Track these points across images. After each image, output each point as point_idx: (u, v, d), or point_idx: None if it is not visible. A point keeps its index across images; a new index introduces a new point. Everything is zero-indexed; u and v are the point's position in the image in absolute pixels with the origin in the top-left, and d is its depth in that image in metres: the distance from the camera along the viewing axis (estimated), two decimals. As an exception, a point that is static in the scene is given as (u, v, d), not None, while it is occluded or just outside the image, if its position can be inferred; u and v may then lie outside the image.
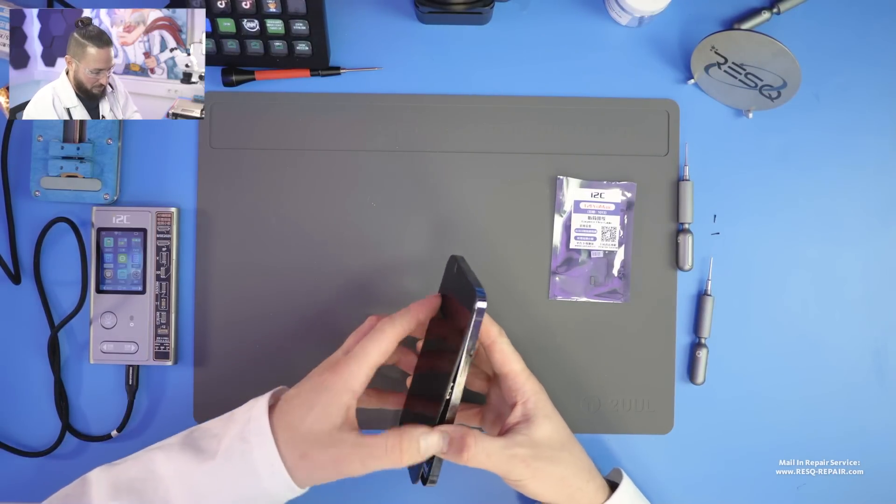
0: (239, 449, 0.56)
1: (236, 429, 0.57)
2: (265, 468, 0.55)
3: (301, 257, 0.70)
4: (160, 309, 0.69)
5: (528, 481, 0.57)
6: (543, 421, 0.58)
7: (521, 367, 0.59)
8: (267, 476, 0.55)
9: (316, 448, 0.55)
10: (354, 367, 0.56)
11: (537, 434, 0.58)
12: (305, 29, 0.67)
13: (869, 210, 0.70)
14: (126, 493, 0.56)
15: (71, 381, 0.70)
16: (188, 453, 0.57)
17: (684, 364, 0.70)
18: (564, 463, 0.59)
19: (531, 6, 0.71)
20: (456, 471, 0.69)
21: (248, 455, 0.55)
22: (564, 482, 0.59)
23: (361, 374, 0.56)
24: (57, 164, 0.68)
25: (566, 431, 0.60)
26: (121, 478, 0.57)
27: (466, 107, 0.70)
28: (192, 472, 0.56)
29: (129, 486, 0.57)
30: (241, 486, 0.56)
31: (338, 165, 0.70)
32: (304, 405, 0.56)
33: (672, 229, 0.70)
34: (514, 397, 0.59)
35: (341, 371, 0.56)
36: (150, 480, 0.57)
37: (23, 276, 0.70)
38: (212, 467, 0.56)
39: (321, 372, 0.57)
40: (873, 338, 0.70)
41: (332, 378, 0.56)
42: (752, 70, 0.67)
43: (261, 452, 0.55)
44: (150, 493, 0.56)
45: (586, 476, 0.60)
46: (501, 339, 0.59)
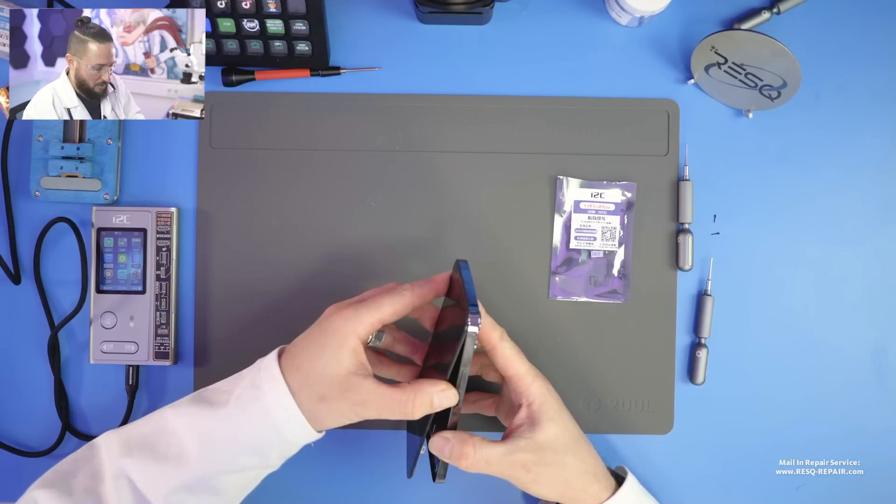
0: (251, 396, 0.56)
1: (246, 380, 0.57)
2: (279, 412, 0.55)
3: (301, 257, 0.70)
4: (160, 309, 0.69)
5: (530, 485, 0.58)
6: (548, 424, 0.58)
7: (526, 370, 0.59)
8: (282, 420, 0.55)
9: (335, 391, 0.55)
10: (364, 314, 0.56)
11: (541, 437, 0.58)
12: (305, 29, 0.67)
13: (869, 210, 0.70)
14: (138, 449, 0.56)
15: (71, 381, 0.70)
16: (199, 406, 0.57)
17: (684, 364, 0.70)
18: (568, 466, 0.59)
19: (531, 6, 0.71)
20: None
21: (260, 400, 0.55)
22: (568, 484, 0.59)
23: (368, 322, 0.56)
24: (57, 164, 0.68)
25: (573, 432, 0.60)
26: (132, 435, 0.57)
27: (466, 107, 0.70)
28: (205, 422, 0.56)
29: (141, 442, 0.57)
30: (256, 431, 0.55)
31: (338, 165, 0.70)
32: (314, 346, 0.56)
33: (672, 229, 0.70)
34: (520, 399, 0.59)
35: (349, 315, 0.56)
36: (162, 434, 0.57)
37: (23, 276, 0.70)
38: (225, 414, 0.56)
39: (329, 315, 0.57)
40: (873, 338, 0.70)
41: (338, 321, 0.56)
42: (752, 70, 0.67)
43: (273, 397, 0.55)
44: (162, 447, 0.56)
45: (590, 478, 0.60)
46: (503, 344, 0.59)
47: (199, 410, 0.57)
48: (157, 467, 0.55)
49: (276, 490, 0.68)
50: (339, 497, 0.70)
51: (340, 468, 0.70)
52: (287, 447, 0.57)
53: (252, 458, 0.56)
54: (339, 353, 0.55)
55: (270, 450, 0.56)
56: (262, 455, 0.56)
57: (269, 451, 0.56)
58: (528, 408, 0.59)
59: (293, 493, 0.69)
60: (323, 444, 0.69)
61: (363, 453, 0.70)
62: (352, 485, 0.70)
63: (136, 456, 0.56)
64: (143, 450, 0.56)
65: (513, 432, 0.58)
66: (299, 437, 0.56)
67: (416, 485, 0.69)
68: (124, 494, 0.55)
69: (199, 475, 0.56)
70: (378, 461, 0.70)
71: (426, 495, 0.70)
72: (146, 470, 0.55)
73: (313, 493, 0.70)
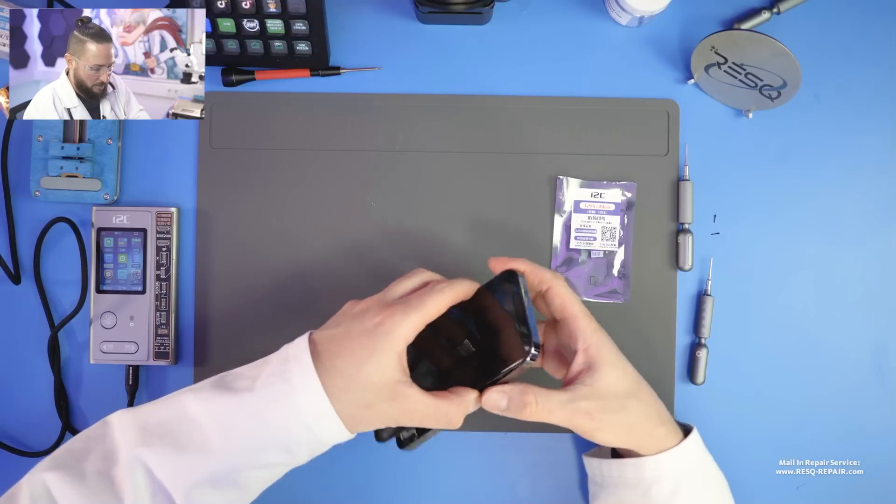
0: (281, 390, 0.52)
1: (272, 367, 0.54)
2: (312, 411, 0.52)
3: (301, 257, 0.70)
4: (160, 309, 0.69)
5: (594, 433, 0.56)
6: (608, 369, 0.56)
7: (581, 310, 0.57)
8: (315, 419, 0.52)
9: (382, 398, 0.52)
10: (413, 316, 0.53)
11: (602, 383, 0.56)
12: (305, 29, 0.67)
13: (869, 210, 0.70)
14: (158, 438, 0.52)
15: (71, 381, 0.70)
16: (222, 394, 0.53)
17: (684, 364, 0.70)
18: (631, 411, 0.57)
19: (531, 6, 0.71)
20: (454, 466, 0.69)
21: (292, 397, 0.52)
22: (632, 430, 0.57)
23: (417, 325, 0.53)
24: (57, 164, 0.68)
25: (633, 377, 0.58)
26: (149, 421, 0.53)
27: (466, 107, 0.70)
28: (230, 411, 0.52)
29: (161, 429, 0.53)
30: (285, 428, 0.52)
31: (338, 165, 0.70)
32: (362, 351, 0.52)
33: (672, 229, 0.70)
34: (576, 343, 0.57)
35: (400, 320, 0.53)
36: (183, 422, 0.53)
37: (23, 276, 0.70)
38: (252, 406, 0.52)
39: (375, 315, 0.54)
40: (873, 338, 0.70)
41: (389, 325, 0.52)
42: (752, 70, 0.67)
43: (306, 396, 0.52)
44: (184, 436, 0.52)
45: (655, 421, 0.58)
46: (557, 282, 0.57)
47: (223, 398, 0.53)
48: (178, 458, 0.52)
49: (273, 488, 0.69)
50: (339, 497, 0.70)
51: (339, 467, 0.70)
52: (318, 446, 0.54)
53: (280, 455, 0.53)
54: (389, 360, 0.52)
55: (300, 448, 0.53)
56: (290, 452, 0.53)
57: (299, 449, 0.53)
58: (584, 352, 0.57)
59: (292, 492, 0.69)
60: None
61: (361, 452, 0.70)
62: (355, 476, 0.70)
63: (155, 444, 0.52)
64: (164, 438, 0.52)
65: (572, 380, 0.57)
66: (332, 438, 0.54)
67: (417, 485, 0.70)
68: (140, 485, 0.52)
69: (223, 469, 0.52)
70: (377, 460, 0.70)
71: (427, 495, 0.70)
72: (166, 461, 0.52)
73: (313, 491, 0.69)
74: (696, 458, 0.61)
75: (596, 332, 0.57)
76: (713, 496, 0.61)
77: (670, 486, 0.59)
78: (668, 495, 0.59)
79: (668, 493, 0.59)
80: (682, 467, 0.59)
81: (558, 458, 0.69)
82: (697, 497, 0.60)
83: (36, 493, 0.52)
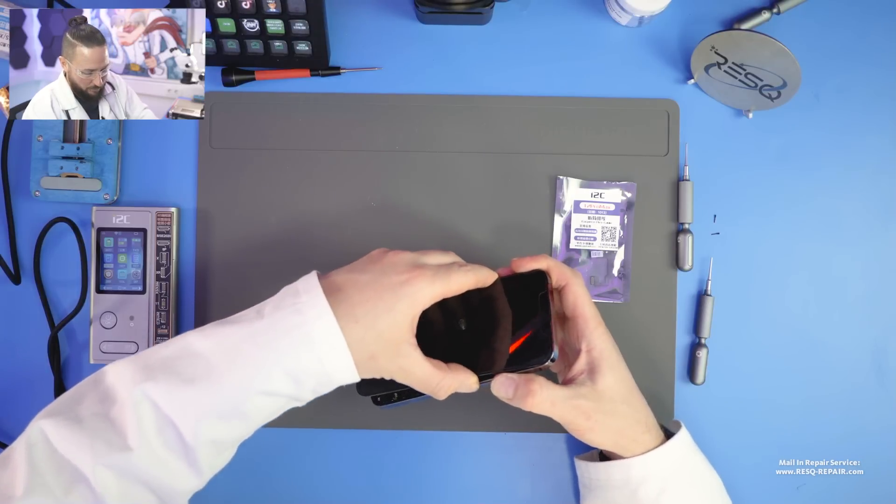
0: (293, 321, 0.52)
1: (280, 301, 0.54)
2: (324, 344, 0.52)
3: (301, 257, 0.70)
4: (160, 309, 0.69)
5: (586, 433, 0.58)
6: (608, 372, 0.58)
7: (592, 312, 0.59)
8: (326, 352, 0.52)
9: (388, 353, 0.53)
10: (438, 284, 0.54)
11: (601, 385, 0.58)
12: (305, 29, 0.67)
13: (869, 210, 0.70)
14: (162, 373, 0.52)
15: (71, 381, 0.70)
16: (227, 326, 0.53)
17: (684, 364, 0.70)
18: (623, 416, 0.59)
19: (531, 6, 0.71)
20: (455, 466, 0.69)
21: (304, 327, 0.52)
22: (621, 433, 0.59)
23: (436, 293, 0.54)
24: (57, 164, 0.68)
25: (628, 383, 0.60)
26: (150, 360, 0.53)
27: (466, 107, 0.70)
28: (236, 339, 0.52)
29: (164, 365, 0.52)
30: (294, 355, 0.52)
31: (338, 165, 0.70)
32: (382, 303, 0.53)
33: (672, 229, 0.70)
34: (580, 343, 0.59)
35: (424, 281, 0.53)
36: (188, 357, 0.52)
37: (23, 276, 0.70)
38: (260, 332, 0.52)
39: (402, 271, 0.54)
40: (873, 338, 0.70)
41: (414, 284, 0.53)
42: (752, 70, 0.67)
43: (320, 327, 0.52)
44: (189, 369, 0.52)
45: (642, 428, 0.60)
46: (575, 280, 0.59)
47: (228, 330, 0.53)
48: (185, 389, 0.51)
49: (274, 483, 0.68)
50: (339, 496, 0.70)
51: (339, 466, 0.70)
52: (326, 381, 0.54)
53: (286, 384, 0.53)
54: (404, 319, 0.53)
55: (307, 379, 0.53)
56: (297, 382, 0.53)
57: (306, 381, 0.53)
58: (588, 353, 0.59)
59: (292, 489, 0.69)
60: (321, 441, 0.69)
61: (361, 452, 0.70)
62: (351, 483, 0.70)
63: (160, 379, 0.51)
64: (168, 373, 0.51)
65: (573, 379, 0.59)
66: (341, 375, 0.53)
67: (418, 484, 0.70)
68: (146, 419, 0.51)
69: (229, 397, 0.52)
70: (377, 460, 0.70)
71: (427, 495, 0.70)
72: (173, 392, 0.51)
73: (313, 490, 0.69)
74: (682, 456, 0.61)
75: (602, 335, 0.59)
76: (702, 494, 0.62)
77: (657, 485, 0.59)
78: (656, 494, 0.59)
79: (656, 492, 0.59)
80: (668, 466, 0.60)
81: (558, 458, 0.69)
82: (685, 495, 0.60)
83: (33, 441, 0.51)
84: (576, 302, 0.59)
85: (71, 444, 0.50)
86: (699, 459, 0.63)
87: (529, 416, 0.67)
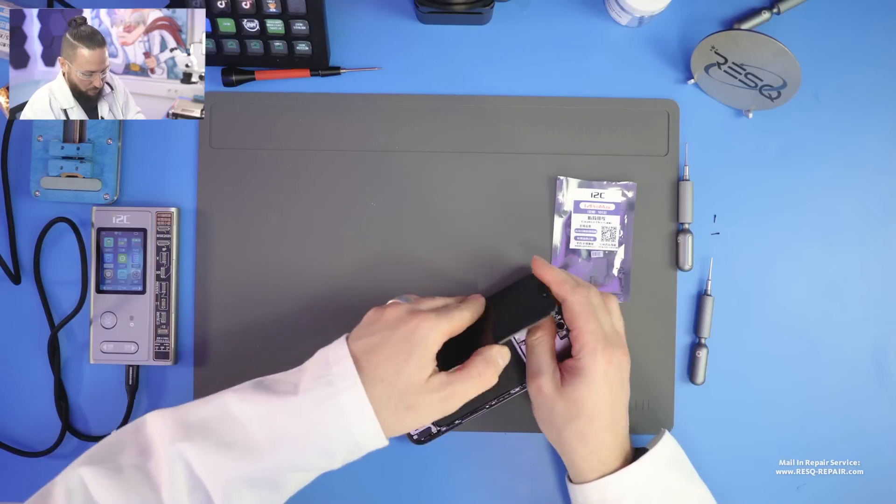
0: (325, 393, 0.54)
1: (311, 373, 0.56)
2: (354, 413, 0.54)
3: (301, 257, 0.70)
4: (160, 309, 0.69)
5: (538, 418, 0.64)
6: (580, 385, 0.60)
7: (583, 326, 0.60)
8: (355, 421, 0.54)
9: (421, 397, 0.56)
10: (444, 323, 0.57)
11: (570, 394, 0.60)
12: (305, 29, 0.67)
13: (869, 210, 0.70)
14: (199, 434, 0.53)
15: (71, 381, 0.70)
16: (265, 395, 0.55)
17: (684, 364, 0.70)
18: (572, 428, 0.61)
19: (531, 6, 0.71)
20: (455, 466, 0.69)
21: (335, 399, 0.54)
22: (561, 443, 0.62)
23: (444, 332, 0.57)
24: (57, 164, 0.68)
25: (602, 402, 0.60)
26: (188, 418, 0.54)
27: (466, 107, 0.70)
28: (274, 413, 0.54)
29: (202, 426, 0.54)
30: (328, 430, 0.54)
31: (338, 165, 0.70)
32: (399, 355, 0.55)
33: (672, 229, 0.70)
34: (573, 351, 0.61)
35: (431, 323, 0.56)
36: (225, 420, 0.54)
37: (23, 276, 0.70)
38: (295, 407, 0.54)
39: (408, 320, 0.57)
40: (873, 338, 0.70)
41: (425, 330, 0.56)
42: (752, 70, 0.67)
43: (350, 398, 0.54)
44: (227, 434, 0.54)
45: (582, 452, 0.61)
46: (574, 298, 0.61)
47: (266, 399, 0.55)
48: (220, 454, 0.53)
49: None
50: (339, 496, 0.70)
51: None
52: (355, 450, 0.56)
53: (319, 458, 0.55)
54: (424, 362, 0.56)
55: (339, 451, 0.55)
56: (329, 455, 0.55)
57: (337, 452, 0.55)
58: (575, 362, 0.61)
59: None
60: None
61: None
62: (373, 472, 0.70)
63: (197, 440, 0.53)
64: (206, 434, 0.53)
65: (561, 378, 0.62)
66: (370, 443, 0.56)
67: (418, 485, 0.70)
68: (179, 479, 0.52)
69: (265, 468, 0.54)
70: (377, 460, 0.70)
71: (427, 495, 0.70)
72: (208, 456, 0.53)
73: (313, 491, 0.69)
74: (655, 474, 0.61)
75: (591, 353, 0.60)
76: None
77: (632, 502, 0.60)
78: None
79: None
80: (643, 482, 0.61)
81: (558, 458, 0.69)
82: None
83: (72, 487, 0.53)
84: (572, 318, 0.61)
85: (109, 494, 0.52)
86: (678, 476, 0.63)
87: (529, 416, 0.67)
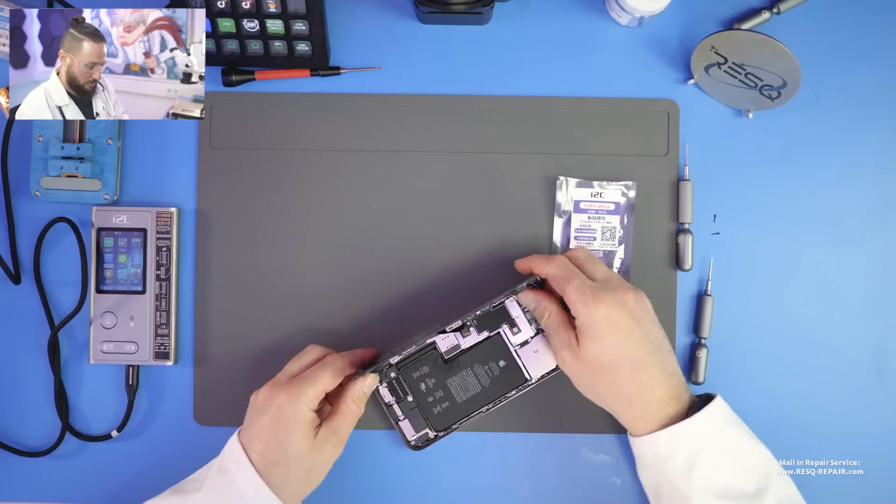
0: (221, 480, 0.60)
1: (217, 466, 0.61)
2: (250, 492, 0.59)
3: (301, 257, 0.70)
4: (160, 309, 0.69)
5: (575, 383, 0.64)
6: (589, 342, 0.60)
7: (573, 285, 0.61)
8: (253, 498, 0.59)
9: (315, 456, 0.61)
10: (309, 391, 0.61)
11: (583, 354, 0.61)
12: (305, 29, 0.67)
13: (869, 210, 0.70)
14: None
15: (71, 381, 0.70)
16: (175, 496, 0.61)
17: (684, 364, 0.70)
18: (601, 384, 0.61)
19: (531, 6, 0.71)
20: (455, 466, 0.69)
21: (230, 484, 0.60)
22: (602, 400, 0.63)
23: (311, 398, 0.61)
24: (57, 164, 0.68)
25: (616, 348, 0.60)
26: None
27: (466, 107, 0.70)
28: None
29: None
30: None
31: (338, 165, 0.70)
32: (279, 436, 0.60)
33: (672, 229, 0.70)
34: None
35: (294, 396, 0.60)
36: None
37: (23, 276, 0.70)
38: (199, 501, 0.60)
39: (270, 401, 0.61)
40: (873, 338, 0.70)
41: (288, 405, 0.60)
42: (752, 70, 0.67)
43: (242, 478, 0.59)
44: None
45: (624, 403, 0.61)
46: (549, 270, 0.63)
47: (175, 500, 0.61)
48: None
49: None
50: (339, 497, 0.70)
51: (338, 467, 0.70)
52: None
53: None
54: (304, 432, 0.60)
55: None
56: None
57: None
58: (577, 325, 0.61)
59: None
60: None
61: (359, 453, 0.70)
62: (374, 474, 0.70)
63: None
64: None
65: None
66: None
67: (418, 485, 0.70)
68: None
69: None
70: (376, 461, 0.70)
71: (427, 495, 0.70)
72: None
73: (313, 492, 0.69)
74: (710, 429, 0.61)
75: (583, 305, 0.60)
76: (737, 467, 0.61)
77: (684, 459, 0.60)
78: (685, 470, 0.60)
79: (685, 467, 0.60)
80: (697, 440, 0.60)
81: (558, 458, 0.69)
82: (719, 469, 0.60)
83: None
84: (556, 288, 0.62)
85: None
86: (735, 431, 0.62)
87: (529, 416, 0.67)
